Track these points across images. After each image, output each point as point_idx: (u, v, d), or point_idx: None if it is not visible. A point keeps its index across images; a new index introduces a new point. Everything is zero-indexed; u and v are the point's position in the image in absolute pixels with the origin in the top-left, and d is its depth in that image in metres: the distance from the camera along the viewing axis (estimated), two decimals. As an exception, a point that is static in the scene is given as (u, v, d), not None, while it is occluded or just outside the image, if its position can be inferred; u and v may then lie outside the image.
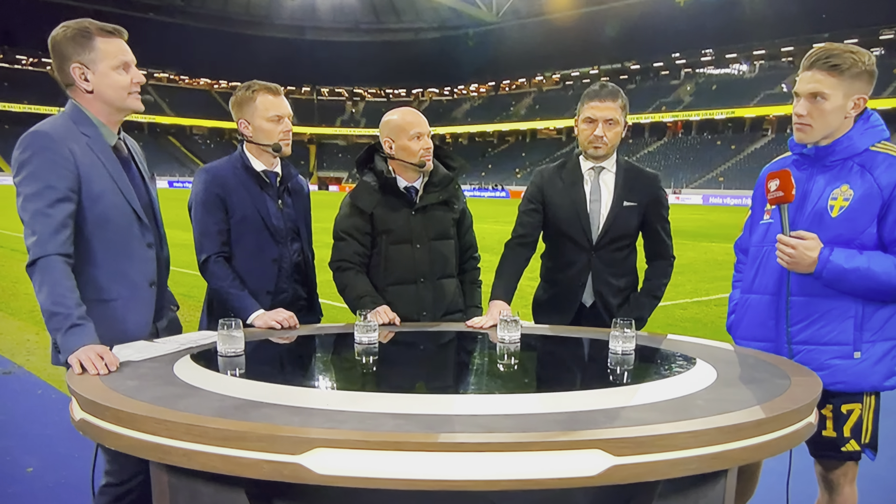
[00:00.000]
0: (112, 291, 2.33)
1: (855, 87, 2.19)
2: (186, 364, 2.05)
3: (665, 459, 1.50)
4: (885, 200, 2.15)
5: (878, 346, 2.23)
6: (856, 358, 2.22)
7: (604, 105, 2.78)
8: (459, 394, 1.81)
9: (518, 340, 2.40)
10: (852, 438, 2.26)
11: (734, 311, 2.57)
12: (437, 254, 2.90)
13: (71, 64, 2.26)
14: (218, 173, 2.76)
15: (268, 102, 2.74)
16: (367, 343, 2.35)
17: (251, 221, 2.75)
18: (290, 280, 2.84)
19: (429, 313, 2.89)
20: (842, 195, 2.21)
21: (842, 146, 2.24)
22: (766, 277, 2.37)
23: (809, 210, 2.27)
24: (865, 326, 2.22)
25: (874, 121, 2.26)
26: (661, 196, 2.96)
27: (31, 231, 2.14)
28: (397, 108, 2.96)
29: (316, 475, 1.48)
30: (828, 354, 2.24)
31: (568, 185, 2.92)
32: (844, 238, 2.19)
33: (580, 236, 2.87)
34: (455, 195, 2.96)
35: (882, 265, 2.13)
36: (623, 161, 2.96)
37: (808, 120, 2.23)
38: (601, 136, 2.80)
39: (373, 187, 2.86)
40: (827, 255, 2.15)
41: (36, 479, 3.44)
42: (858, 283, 2.15)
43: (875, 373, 2.23)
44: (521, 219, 2.98)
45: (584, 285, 2.90)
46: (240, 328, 2.17)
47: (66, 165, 2.19)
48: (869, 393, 2.27)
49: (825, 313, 2.24)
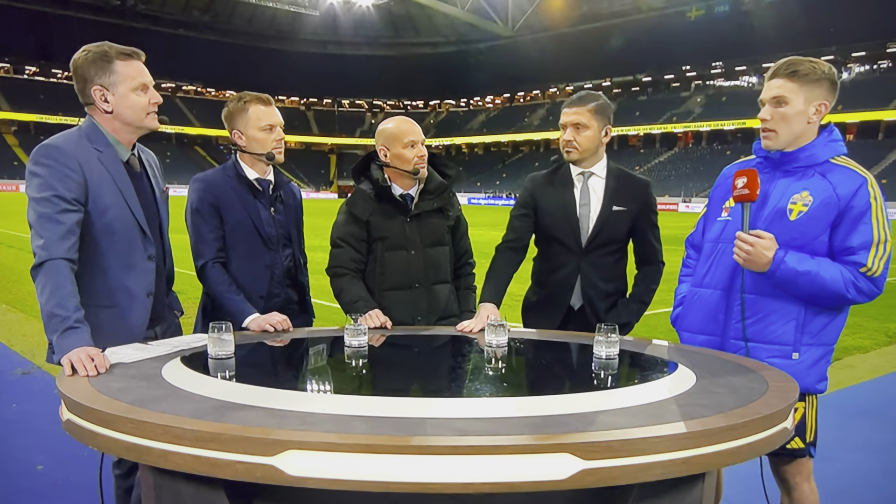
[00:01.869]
0: (111, 299, 2.41)
1: (815, 94, 2.30)
2: (175, 366, 2.08)
3: (635, 464, 1.51)
4: (841, 210, 2.24)
5: (814, 349, 2.32)
6: (794, 359, 2.31)
7: (570, 111, 2.89)
8: (436, 397, 1.82)
9: (505, 344, 2.41)
10: (796, 436, 2.34)
11: (681, 303, 2.63)
12: (431, 260, 2.93)
13: (92, 86, 2.36)
14: (212, 182, 2.82)
15: (260, 112, 2.79)
16: (356, 346, 2.37)
17: (244, 228, 2.80)
18: (281, 285, 2.89)
19: (423, 318, 2.91)
20: (801, 200, 2.29)
21: (805, 154, 2.33)
22: (719, 273, 2.44)
23: (769, 210, 2.34)
24: (806, 329, 2.31)
25: (836, 136, 2.37)
26: (650, 202, 3.00)
27: (38, 235, 2.23)
28: (394, 117, 3.00)
29: (288, 476, 1.50)
30: (768, 353, 2.32)
31: (559, 189, 2.97)
32: (798, 242, 2.27)
33: (570, 240, 2.91)
34: (450, 202, 2.99)
35: (830, 272, 2.22)
36: (614, 167, 3.01)
37: (772, 125, 2.33)
38: (570, 140, 2.89)
39: (369, 195, 2.90)
40: (782, 256, 2.23)
41: (45, 476, 3.52)
42: (806, 287, 2.23)
43: (810, 374, 2.32)
44: (512, 223, 3.02)
45: (573, 288, 2.93)
46: (230, 331, 2.20)
47: (73, 177, 2.29)
48: (811, 393, 2.36)
49: (771, 313, 2.32)
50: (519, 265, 3.02)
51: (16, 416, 4.42)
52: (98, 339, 2.25)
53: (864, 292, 2.23)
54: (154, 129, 2.48)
